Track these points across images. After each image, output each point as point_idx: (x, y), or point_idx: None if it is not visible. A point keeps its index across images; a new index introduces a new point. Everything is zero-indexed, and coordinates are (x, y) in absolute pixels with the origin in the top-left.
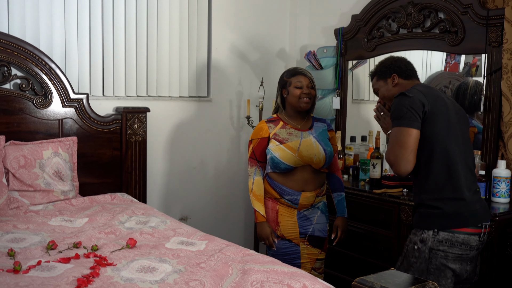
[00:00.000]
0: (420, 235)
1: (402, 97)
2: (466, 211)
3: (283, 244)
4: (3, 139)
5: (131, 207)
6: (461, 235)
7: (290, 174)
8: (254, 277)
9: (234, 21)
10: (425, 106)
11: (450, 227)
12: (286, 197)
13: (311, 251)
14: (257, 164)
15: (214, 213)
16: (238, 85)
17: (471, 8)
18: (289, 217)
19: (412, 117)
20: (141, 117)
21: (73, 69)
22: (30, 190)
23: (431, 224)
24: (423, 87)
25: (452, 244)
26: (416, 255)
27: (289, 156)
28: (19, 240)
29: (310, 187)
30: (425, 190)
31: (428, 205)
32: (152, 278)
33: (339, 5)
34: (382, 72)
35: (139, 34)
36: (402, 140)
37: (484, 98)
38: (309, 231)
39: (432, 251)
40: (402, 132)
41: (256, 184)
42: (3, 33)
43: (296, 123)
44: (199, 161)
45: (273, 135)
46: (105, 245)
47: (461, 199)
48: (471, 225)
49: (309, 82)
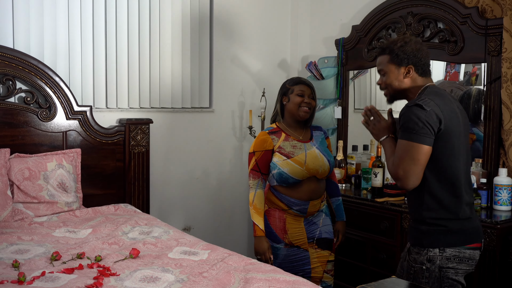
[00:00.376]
0: (425, 254)
1: (418, 109)
2: (470, 228)
3: (291, 252)
4: (8, 152)
5: (134, 217)
6: (467, 250)
7: (297, 186)
8: (256, 286)
9: (235, 33)
10: (441, 124)
11: (456, 244)
12: (294, 208)
13: (321, 254)
14: (260, 177)
15: (217, 223)
16: (240, 96)
17: (470, 18)
18: (296, 224)
19: (428, 133)
20: (144, 128)
21: (76, 82)
22: (35, 202)
23: (436, 242)
24: (438, 98)
25: (460, 260)
26: (426, 275)
27: (297, 170)
28: (24, 251)
29: (317, 195)
30: (428, 207)
31: (431, 223)
32: (155, 287)
33: (340, 16)
34: (398, 56)
35: (142, 47)
36: (415, 156)
37: (484, 106)
38: (317, 234)
39: (442, 270)
40: (414, 148)
41: (258, 197)
42: (8, 48)
43: (298, 134)
44: (201, 171)
45: (277, 148)
46: (109, 255)
47: (466, 218)
48: (475, 241)
49: (311, 92)
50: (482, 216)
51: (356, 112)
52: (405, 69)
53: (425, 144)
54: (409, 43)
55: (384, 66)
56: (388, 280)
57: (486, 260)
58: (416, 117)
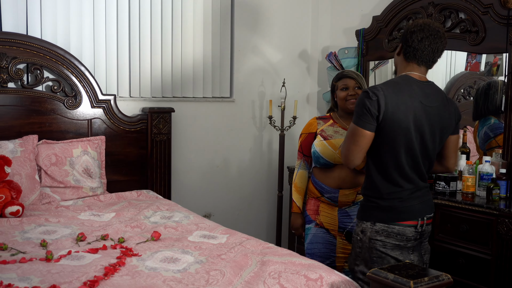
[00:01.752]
0: (360, 225)
1: (365, 96)
2: (400, 207)
3: (320, 231)
4: (36, 138)
5: (156, 203)
6: (396, 226)
7: (329, 171)
8: (272, 268)
9: (256, 23)
10: (380, 114)
11: (385, 220)
12: (326, 195)
13: (346, 246)
14: (303, 158)
15: (237, 211)
16: (260, 86)
17: (491, 8)
18: (329, 211)
19: (370, 120)
20: (166, 117)
21: (101, 72)
22: (61, 186)
23: (369, 216)
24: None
25: (388, 234)
26: (359, 245)
27: (329, 152)
28: (51, 232)
29: (347, 185)
30: (366, 186)
31: (366, 199)
32: (175, 267)
33: (360, 6)
34: (402, 35)
35: (164, 38)
36: (355, 139)
37: (505, 97)
38: (348, 227)
39: (372, 241)
40: (356, 130)
41: (299, 177)
42: (36, 38)
43: (346, 124)
44: (222, 159)
45: (320, 131)
46: (131, 237)
47: (397, 198)
48: (405, 219)
49: (355, 83)
50: (501, 206)
51: None
52: (399, 47)
53: (365, 129)
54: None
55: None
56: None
57: (504, 249)
58: (362, 103)
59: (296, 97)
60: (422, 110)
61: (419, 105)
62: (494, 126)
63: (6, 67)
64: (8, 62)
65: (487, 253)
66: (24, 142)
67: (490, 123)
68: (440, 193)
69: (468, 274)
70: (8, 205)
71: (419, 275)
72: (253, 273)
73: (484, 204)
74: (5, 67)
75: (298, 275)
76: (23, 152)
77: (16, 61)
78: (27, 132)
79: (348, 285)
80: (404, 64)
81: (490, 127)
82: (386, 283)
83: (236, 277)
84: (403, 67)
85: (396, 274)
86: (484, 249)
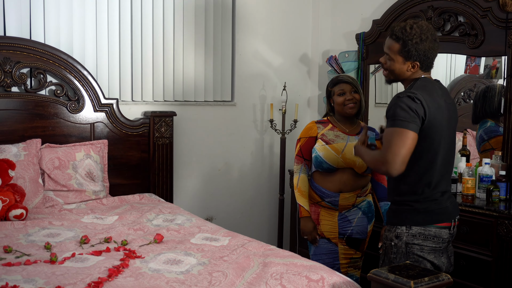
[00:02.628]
0: (394, 231)
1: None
2: (436, 209)
3: (323, 243)
4: (39, 142)
5: (158, 206)
6: (433, 228)
7: (330, 175)
8: (274, 269)
9: (257, 27)
10: (426, 118)
11: (421, 223)
12: (326, 200)
13: (348, 251)
14: (303, 162)
15: (239, 214)
16: (261, 90)
17: (490, 11)
18: (330, 218)
19: (417, 121)
20: (168, 121)
21: (103, 76)
22: (64, 190)
23: (403, 220)
24: (426, 93)
25: (425, 237)
26: (394, 251)
27: (332, 157)
28: (55, 235)
29: (348, 189)
30: (401, 192)
31: (400, 203)
32: (177, 269)
33: (360, 10)
34: (409, 52)
35: (166, 42)
36: (404, 141)
37: (505, 99)
38: (348, 232)
39: (408, 246)
40: (404, 133)
41: (302, 181)
42: (39, 43)
43: (345, 127)
44: (223, 163)
45: (320, 135)
46: (134, 240)
47: (432, 200)
48: (441, 221)
49: (352, 87)
50: (500, 208)
51: (377, 106)
52: (411, 64)
53: (413, 131)
54: (425, 41)
55: (392, 54)
56: (401, 265)
57: (504, 251)
58: (408, 107)
59: (297, 100)
60: (447, 109)
61: (444, 104)
62: (489, 129)
63: (10, 71)
64: (12, 67)
65: (488, 255)
66: (28, 146)
67: (485, 126)
68: None
69: (469, 276)
70: (12, 208)
71: (419, 275)
72: (255, 275)
73: (484, 206)
74: (9, 71)
75: (300, 276)
76: (26, 156)
77: (20, 65)
78: (31, 136)
79: (349, 286)
80: (419, 73)
81: (485, 130)
82: (387, 283)
83: (239, 279)
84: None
85: (397, 274)
86: (485, 251)
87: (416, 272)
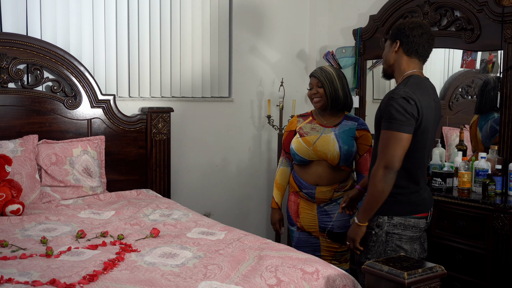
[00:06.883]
0: (376, 220)
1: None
2: (417, 200)
3: (303, 236)
4: (36, 138)
5: (155, 201)
6: (412, 219)
7: (306, 167)
8: (269, 262)
9: (255, 23)
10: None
11: (403, 214)
12: (304, 191)
13: (331, 245)
14: (284, 155)
15: (236, 210)
16: (259, 86)
17: (486, 6)
18: (309, 210)
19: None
20: (165, 116)
21: (100, 72)
22: (61, 185)
23: (385, 210)
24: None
25: (405, 227)
26: (374, 240)
27: (303, 149)
28: (51, 229)
29: (325, 182)
30: None
31: None
32: (173, 262)
33: (357, 6)
34: (392, 32)
35: (163, 38)
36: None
37: (501, 94)
38: (329, 227)
39: (389, 234)
40: (400, 136)
41: (280, 173)
42: (36, 39)
43: (324, 120)
44: (221, 159)
45: (298, 129)
46: (130, 234)
47: (414, 192)
48: (420, 211)
49: (317, 81)
50: (496, 201)
51: (375, 102)
52: (394, 44)
53: (409, 133)
54: (407, 22)
55: (385, 43)
56: (395, 257)
57: (500, 244)
58: (403, 109)
59: (295, 96)
60: (435, 108)
61: (434, 104)
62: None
63: (7, 67)
64: (9, 63)
65: (484, 248)
66: (25, 141)
67: (494, 117)
68: (436, 190)
69: (465, 269)
70: (8, 203)
71: (413, 266)
72: (250, 267)
73: (480, 200)
74: (6, 67)
75: (295, 268)
76: (23, 152)
77: (16, 61)
78: (28, 132)
79: (344, 278)
80: (406, 59)
81: (496, 120)
82: (381, 275)
83: (234, 271)
84: (404, 63)
85: (391, 266)
86: (481, 244)
87: (410, 263)
